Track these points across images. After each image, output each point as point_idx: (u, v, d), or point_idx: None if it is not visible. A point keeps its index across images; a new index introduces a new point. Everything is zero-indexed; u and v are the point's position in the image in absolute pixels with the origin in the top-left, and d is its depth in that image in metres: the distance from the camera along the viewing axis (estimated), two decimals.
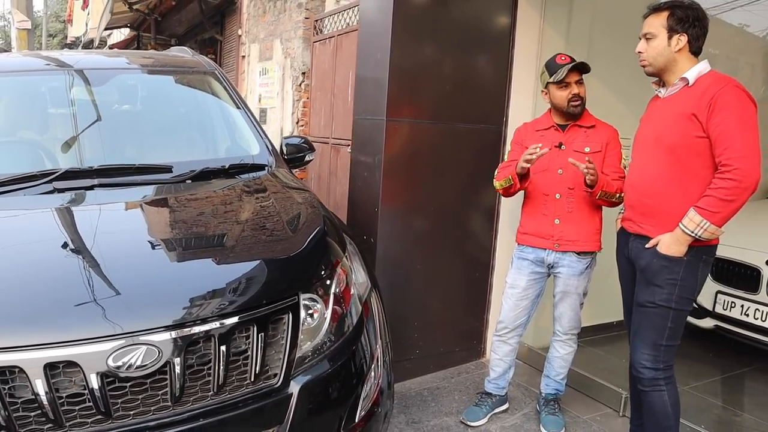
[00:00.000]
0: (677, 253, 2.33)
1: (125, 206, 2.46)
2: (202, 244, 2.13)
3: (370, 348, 2.21)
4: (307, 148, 3.29)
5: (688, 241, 2.30)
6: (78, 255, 1.96)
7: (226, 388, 1.78)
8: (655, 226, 2.42)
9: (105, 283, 1.82)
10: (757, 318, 3.81)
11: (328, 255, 2.20)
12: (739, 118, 2.21)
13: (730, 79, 2.29)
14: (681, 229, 2.30)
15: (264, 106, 7.20)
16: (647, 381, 2.47)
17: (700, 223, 2.24)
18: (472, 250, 3.74)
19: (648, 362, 2.46)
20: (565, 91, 2.84)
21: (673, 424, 2.48)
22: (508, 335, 3.09)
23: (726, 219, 2.26)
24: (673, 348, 2.46)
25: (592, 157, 2.84)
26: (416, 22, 3.28)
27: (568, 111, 2.87)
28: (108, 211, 2.37)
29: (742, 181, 2.17)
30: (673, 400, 2.47)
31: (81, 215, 2.31)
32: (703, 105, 2.26)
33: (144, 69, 3.53)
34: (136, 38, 13.11)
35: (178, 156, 2.91)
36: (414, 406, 3.25)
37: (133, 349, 1.67)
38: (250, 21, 7.79)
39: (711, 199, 2.23)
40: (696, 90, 2.32)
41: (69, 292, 1.79)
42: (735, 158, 2.18)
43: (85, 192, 2.47)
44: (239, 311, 1.81)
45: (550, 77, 2.86)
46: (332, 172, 5.70)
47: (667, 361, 2.46)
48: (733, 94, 2.23)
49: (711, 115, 2.24)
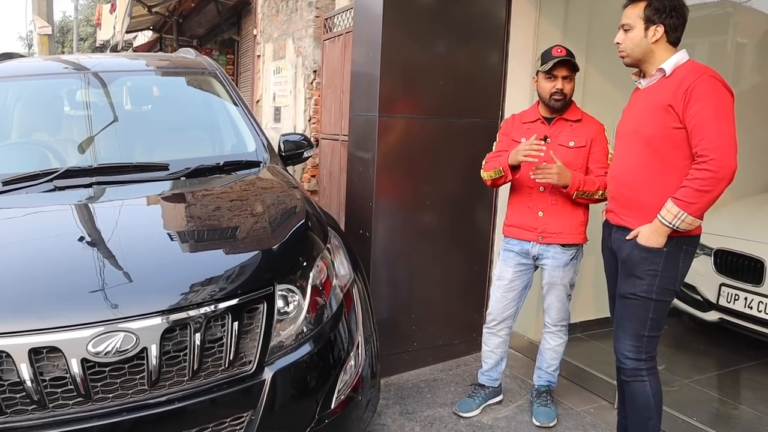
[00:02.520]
0: (656, 244, 2.34)
1: (120, 203, 2.57)
2: (182, 239, 2.23)
3: (349, 337, 2.27)
4: (305, 145, 3.38)
5: (667, 232, 2.31)
6: (65, 249, 2.07)
7: (201, 374, 1.87)
8: (636, 218, 2.42)
9: (88, 274, 1.93)
10: (761, 311, 3.77)
11: (309, 248, 2.27)
12: (715, 109, 2.20)
13: (706, 69, 2.28)
14: (659, 220, 2.30)
15: (278, 105, 7.31)
16: (629, 371, 2.49)
17: (678, 214, 2.25)
18: (469, 243, 3.78)
19: (630, 353, 2.47)
20: (550, 83, 2.87)
21: (654, 414, 2.49)
22: (498, 327, 3.12)
23: (703, 209, 2.26)
24: (656, 338, 2.47)
25: (577, 152, 2.86)
26: (408, 17, 3.33)
27: (548, 103, 2.89)
28: (101, 207, 2.48)
29: (717, 171, 2.17)
30: (655, 391, 2.48)
31: (76, 211, 2.42)
32: (679, 96, 2.26)
33: (150, 70, 3.65)
34: (158, 40, 13.37)
35: (176, 154, 3.01)
36: (409, 398, 3.31)
37: (111, 336, 1.77)
38: (265, 21, 7.92)
39: (687, 189, 2.23)
40: (673, 81, 2.32)
41: (55, 282, 1.93)
42: (711, 149, 2.18)
43: (83, 189, 2.59)
44: (214, 301, 1.89)
45: (541, 65, 2.89)
46: (342, 169, 5.77)
47: (650, 351, 2.47)
48: (709, 85, 2.23)
49: (687, 106, 2.23)
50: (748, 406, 3.38)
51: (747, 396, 3.57)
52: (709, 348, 4.18)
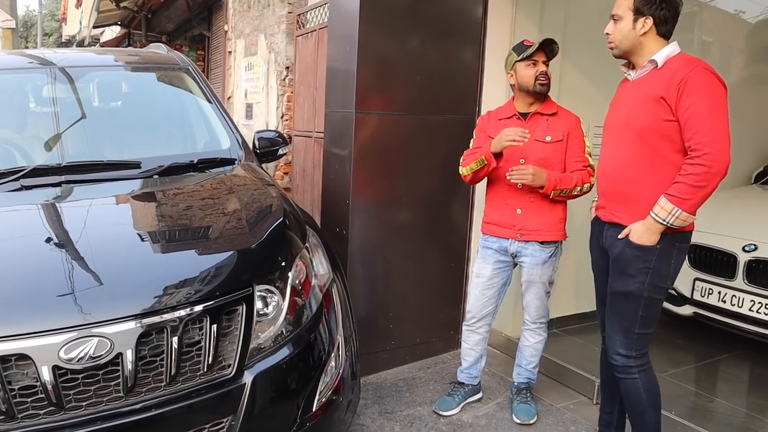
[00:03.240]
0: (649, 242, 2.28)
1: (89, 202, 2.48)
2: (159, 239, 2.16)
3: (330, 337, 2.23)
4: (280, 142, 3.31)
5: (660, 229, 2.25)
6: (34, 251, 1.99)
7: (178, 379, 1.81)
8: (628, 213, 2.37)
9: (58, 277, 1.85)
10: (734, 304, 3.83)
11: (287, 247, 2.22)
12: (709, 102, 2.16)
13: (699, 62, 2.23)
14: (652, 217, 2.24)
15: (250, 101, 7.21)
16: (620, 368, 2.46)
17: (672, 211, 2.20)
18: (447, 240, 3.76)
19: (621, 349, 2.44)
20: (532, 69, 2.85)
21: (648, 408, 2.46)
22: (477, 324, 3.11)
23: (697, 205, 2.22)
24: (647, 336, 2.43)
25: (554, 147, 2.86)
26: (385, 13, 3.29)
27: (535, 89, 2.86)
28: (70, 207, 2.40)
29: (711, 166, 2.13)
30: (647, 386, 2.44)
31: (44, 211, 2.33)
32: (672, 88, 2.21)
33: (119, 66, 3.55)
34: (127, 36, 13.10)
35: (148, 151, 2.92)
36: (388, 397, 3.28)
37: (84, 341, 1.71)
38: (236, 16, 7.80)
39: (681, 185, 2.18)
40: (665, 73, 2.27)
41: (23, 286, 1.84)
42: (704, 143, 2.14)
43: (52, 188, 2.50)
44: (191, 303, 1.84)
45: (518, 56, 2.87)
46: (316, 166, 5.71)
47: (641, 348, 2.43)
48: (703, 77, 2.18)
49: (680, 99, 2.19)
50: (723, 399, 3.42)
51: (722, 388, 3.62)
52: (684, 342, 4.22)
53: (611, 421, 2.75)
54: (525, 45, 2.89)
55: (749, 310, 3.74)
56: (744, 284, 3.77)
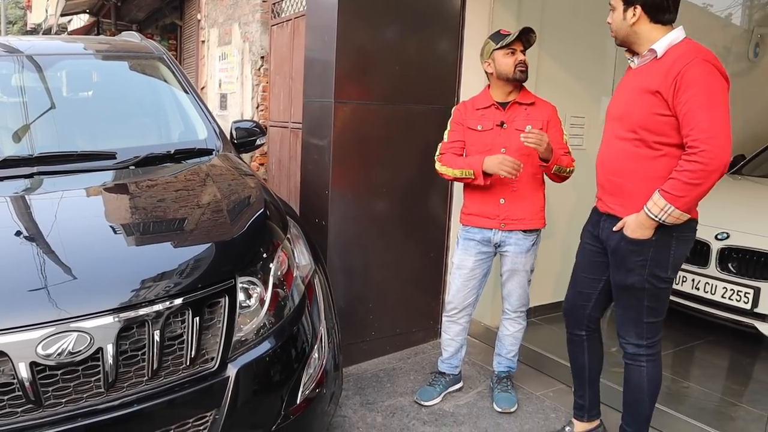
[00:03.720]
0: (642, 237, 2.24)
1: (63, 194, 2.42)
2: (137, 231, 2.11)
3: (312, 329, 2.21)
4: (257, 132, 3.27)
5: (653, 225, 2.20)
6: (9, 243, 1.92)
7: (161, 373, 1.77)
8: (623, 205, 2.32)
9: (35, 270, 1.80)
10: (707, 292, 3.90)
11: (269, 238, 2.20)
12: (707, 96, 2.06)
13: (699, 52, 2.13)
14: (645, 212, 2.19)
15: (224, 92, 7.12)
16: (629, 355, 2.47)
17: (664, 208, 2.14)
18: (426, 230, 3.76)
19: (631, 338, 2.43)
20: (511, 57, 2.85)
21: (647, 398, 2.47)
22: (458, 315, 3.11)
23: (691, 203, 2.15)
24: (657, 324, 2.40)
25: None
26: (363, 2, 3.25)
27: (515, 77, 2.85)
28: (44, 199, 2.33)
29: (708, 164, 2.03)
30: (651, 377, 2.45)
31: (15, 204, 2.27)
32: (668, 82, 2.12)
33: (91, 54, 3.46)
34: (96, 24, 12.83)
35: (123, 142, 2.86)
36: (369, 388, 3.27)
37: (63, 337, 1.66)
38: (209, 5, 7.68)
39: (676, 182, 2.11)
40: (663, 64, 2.18)
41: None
42: (702, 139, 2.04)
43: (24, 180, 2.43)
44: (173, 296, 1.80)
45: (496, 45, 2.86)
46: (292, 156, 5.67)
47: (652, 336, 2.40)
48: (701, 69, 2.08)
49: (677, 93, 2.10)
50: (697, 384, 3.48)
51: (695, 374, 3.68)
52: None
53: (583, 404, 2.77)
54: (502, 34, 2.89)
55: (722, 297, 3.81)
56: (717, 272, 3.85)
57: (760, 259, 3.66)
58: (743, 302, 3.69)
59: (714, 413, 3.16)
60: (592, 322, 2.65)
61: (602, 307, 2.61)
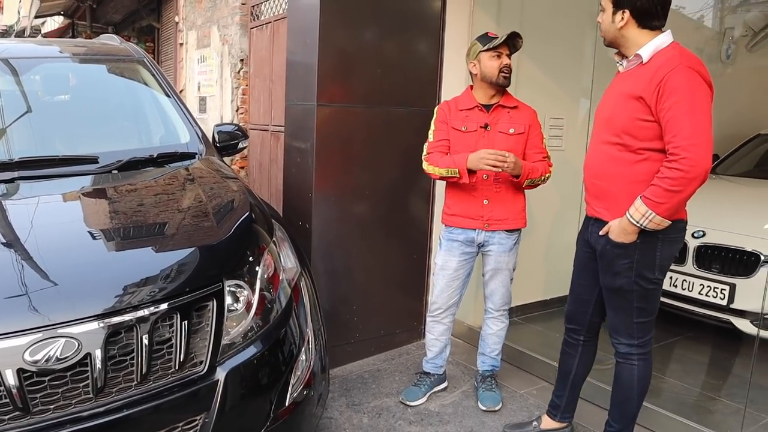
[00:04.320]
0: (626, 241, 2.26)
1: (46, 199, 2.40)
2: (123, 235, 2.11)
3: (299, 332, 2.22)
4: (240, 136, 3.27)
5: (635, 230, 2.23)
6: None
7: (150, 378, 1.77)
8: (608, 209, 2.35)
9: (21, 276, 1.79)
10: (684, 288, 3.97)
11: (255, 241, 2.20)
12: (690, 103, 2.07)
13: (684, 58, 2.14)
14: (627, 218, 2.22)
15: (203, 95, 7.08)
16: (621, 354, 2.50)
17: (646, 214, 2.16)
18: (409, 232, 3.78)
19: (623, 338, 2.46)
20: (497, 60, 2.87)
21: (636, 396, 2.50)
22: (442, 315, 3.14)
23: (672, 210, 2.16)
24: (647, 323, 2.43)
25: (516, 139, 2.90)
26: (345, 5, 3.27)
27: (498, 82, 2.88)
28: (27, 204, 2.31)
29: (689, 171, 2.05)
30: (641, 375, 2.48)
31: None
32: (651, 88, 2.14)
33: (70, 57, 3.43)
34: (70, 26, 12.66)
35: (105, 146, 2.84)
36: (355, 389, 3.29)
37: (50, 343, 1.65)
38: (187, 7, 7.63)
39: (657, 188, 2.13)
40: (648, 69, 2.19)
41: None
42: (683, 147, 2.05)
43: (4, 186, 2.40)
44: (161, 300, 1.80)
45: (483, 47, 2.88)
46: (273, 160, 5.66)
47: (643, 336, 2.44)
48: (684, 76, 2.09)
49: (660, 100, 2.12)
50: (677, 379, 3.55)
51: (674, 369, 3.75)
52: None
53: (559, 404, 2.81)
54: (489, 36, 2.91)
55: (699, 293, 3.89)
56: (694, 269, 3.92)
57: (735, 256, 3.74)
58: (720, 299, 3.77)
59: (694, 407, 3.23)
60: (593, 328, 2.67)
61: (602, 312, 2.60)
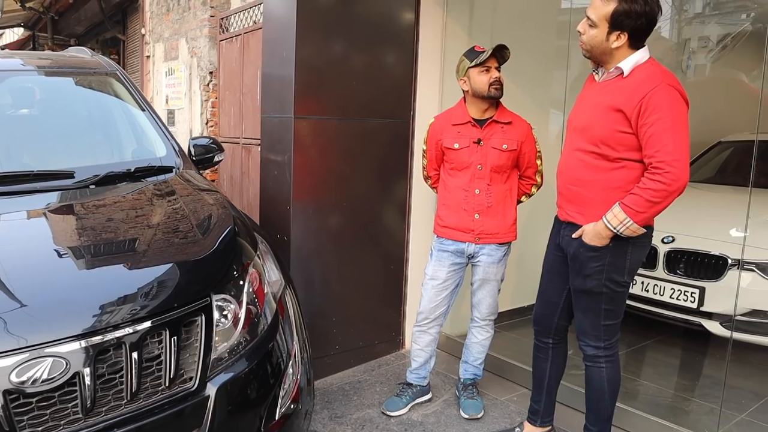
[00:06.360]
0: (600, 244, 2.34)
1: (24, 215, 2.34)
2: (108, 251, 2.07)
3: (286, 346, 2.21)
4: (215, 149, 3.25)
5: (610, 235, 2.30)
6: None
7: (140, 396, 1.74)
8: (582, 213, 2.41)
9: (4, 294, 1.74)
10: (656, 293, 4.06)
11: (240, 255, 2.19)
12: (672, 120, 2.16)
13: (664, 77, 2.22)
14: (604, 223, 2.29)
15: (172, 108, 7.00)
16: (588, 357, 2.55)
17: (624, 221, 2.24)
18: (386, 243, 3.80)
19: (590, 340, 2.52)
20: (486, 75, 2.90)
21: (607, 397, 2.56)
22: (429, 325, 3.15)
23: (649, 219, 2.28)
24: (614, 326, 2.50)
25: (508, 155, 2.94)
26: (321, 18, 3.29)
27: (489, 95, 2.90)
28: (5, 221, 2.25)
29: (671, 184, 2.15)
30: (610, 377, 2.53)
31: None
32: (633, 103, 2.21)
33: (40, 70, 3.37)
34: (31, 38, 12.42)
35: (81, 161, 2.80)
36: (336, 401, 3.28)
37: (38, 363, 1.61)
38: (154, 20, 7.56)
39: (638, 198, 2.21)
40: (629, 83, 2.26)
41: None
42: (667, 161, 2.15)
43: None
44: (149, 316, 1.77)
45: (471, 62, 2.90)
46: (244, 172, 5.62)
47: (609, 338, 2.50)
48: (665, 94, 2.18)
49: (642, 115, 2.19)
50: (651, 381, 3.63)
51: (648, 372, 3.83)
52: None
53: (538, 410, 2.86)
54: (476, 51, 2.93)
55: (670, 297, 3.98)
56: (664, 273, 4.02)
57: (704, 261, 3.85)
58: (690, 302, 3.86)
59: (669, 408, 3.30)
60: (560, 331, 2.73)
61: (569, 315, 2.68)
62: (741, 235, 3.67)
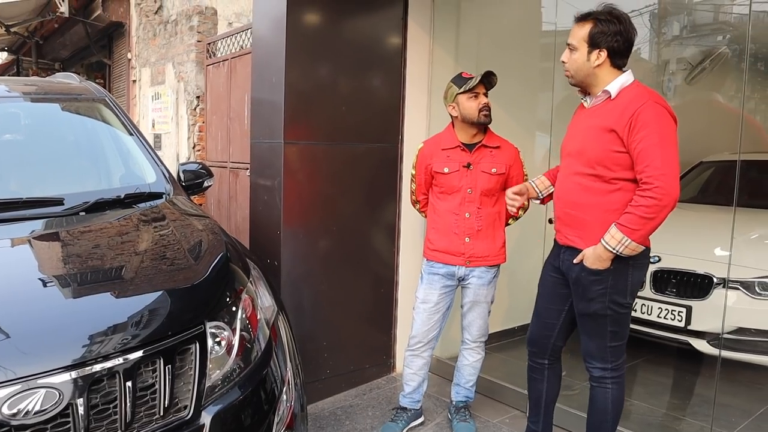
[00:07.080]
0: (601, 267, 2.37)
1: (11, 243, 2.32)
2: (99, 278, 2.06)
3: (280, 372, 2.20)
4: (204, 174, 3.25)
5: (611, 257, 2.33)
6: None
7: (134, 425, 1.72)
8: (581, 237, 2.44)
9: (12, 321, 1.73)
10: (644, 312, 4.09)
11: (233, 281, 2.19)
12: (659, 136, 2.23)
13: (651, 95, 2.31)
14: (603, 245, 2.32)
15: (158, 132, 7.01)
16: (595, 378, 2.56)
17: (622, 240, 2.27)
18: (376, 267, 3.81)
19: (597, 362, 2.53)
20: (475, 101, 2.93)
21: (610, 418, 2.56)
22: (421, 349, 3.15)
23: (646, 236, 2.31)
24: (620, 347, 2.52)
25: (497, 179, 2.98)
26: (310, 44, 3.33)
27: (479, 121, 2.94)
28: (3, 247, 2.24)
29: (661, 198, 2.20)
30: (614, 398, 2.54)
31: None
32: (623, 121, 2.28)
33: (27, 97, 3.37)
34: (15, 62, 12.38)
35: (70, 187, 2.79)
36: (329, 426, 3.26)
37: (30, 394, 1.60)
38: (140, 44, 7.58)
39: (632, 216, 2.25)
40: (617, 104, 2.34)
41: None
42: (655, 176, 2.21)
43: None
44: (143, 345, 1.76)
45: (460, 89, 2.94)
46: (232, 197, 5.62)
47: (616, 359, 2.52)
48: (653, 111, 2.25)
49: (631, 132, 2.26)
50: (642, 401, 3.64)
51: (638, 391, 3.85)
52: None
53: (536, 430, 2.86)
54: (464, 77, 2.97)
55: (657, 316, 4.00)
56: (651, 293, 4.05)
57: (690, 280, 3.89)
58: (677, 321, 3.89)
59: (660, 427, 3.32)
60: (556, 352, 2.75)
61: (565, 336, 2.71)
62: (725, 254, 3.71)
